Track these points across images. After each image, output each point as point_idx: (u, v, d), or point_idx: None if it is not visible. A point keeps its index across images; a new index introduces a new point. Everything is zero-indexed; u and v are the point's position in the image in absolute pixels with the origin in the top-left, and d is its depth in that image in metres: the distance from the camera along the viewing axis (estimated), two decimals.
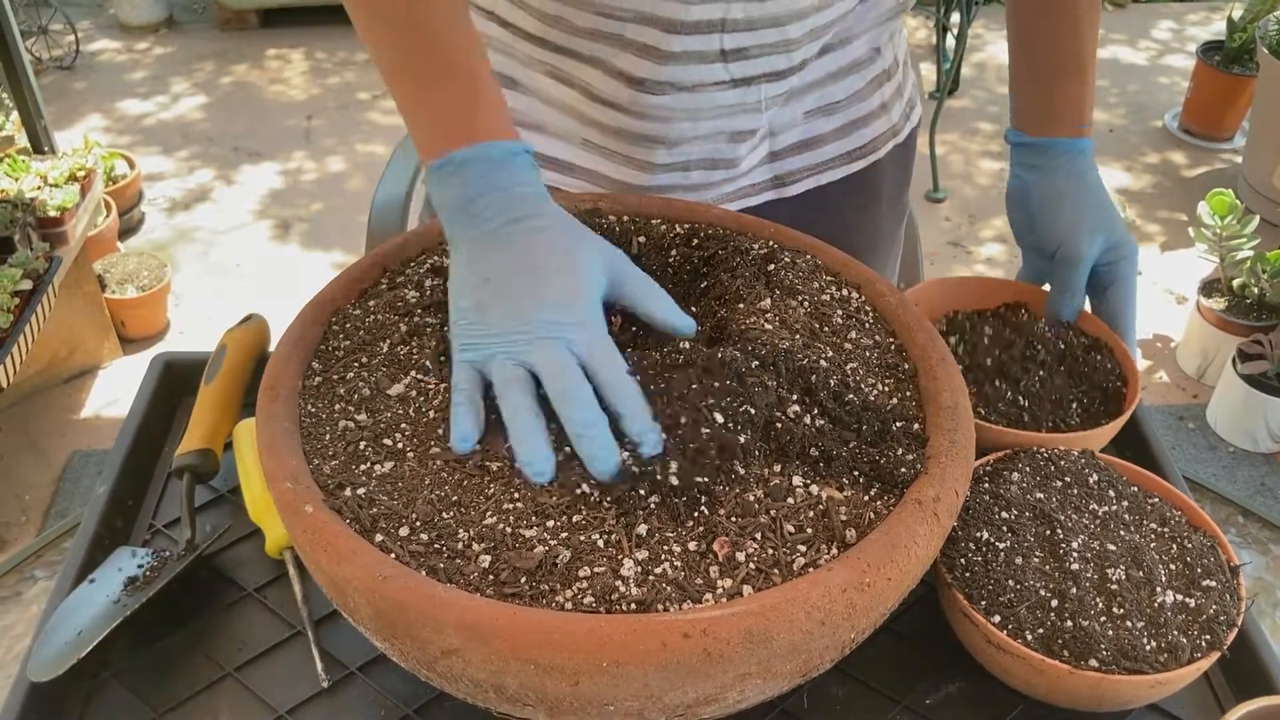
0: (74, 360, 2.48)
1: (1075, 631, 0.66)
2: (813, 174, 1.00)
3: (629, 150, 0.94)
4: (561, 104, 0.94)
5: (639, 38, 0.85)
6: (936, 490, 0.61)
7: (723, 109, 0.91)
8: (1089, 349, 0.89)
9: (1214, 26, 4.12)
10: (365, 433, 0.66)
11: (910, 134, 1.08)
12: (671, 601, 0.56)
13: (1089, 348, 0.90)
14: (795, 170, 0.99)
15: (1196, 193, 2.84)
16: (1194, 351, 2.54)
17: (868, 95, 1.00)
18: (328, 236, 2.99)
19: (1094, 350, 0.89)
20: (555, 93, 0.94)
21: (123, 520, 0.86)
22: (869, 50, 0.97)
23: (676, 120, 0.91)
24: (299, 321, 0.73)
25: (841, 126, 1.00)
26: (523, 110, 0.96)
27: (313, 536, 0.58)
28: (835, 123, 0.99)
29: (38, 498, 2.22)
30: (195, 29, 4.10)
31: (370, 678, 0.74)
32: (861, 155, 1.02)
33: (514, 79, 0.95)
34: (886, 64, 1.00)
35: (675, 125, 0.91)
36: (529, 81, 0.95)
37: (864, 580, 0.56)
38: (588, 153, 0.96)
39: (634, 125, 0.92)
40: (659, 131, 0.92)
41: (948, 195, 3.17)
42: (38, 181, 2.28)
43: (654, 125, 0.91)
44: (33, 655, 0.72)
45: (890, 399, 0.70)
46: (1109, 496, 0.75)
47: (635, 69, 0.87)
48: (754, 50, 0.87)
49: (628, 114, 0.91)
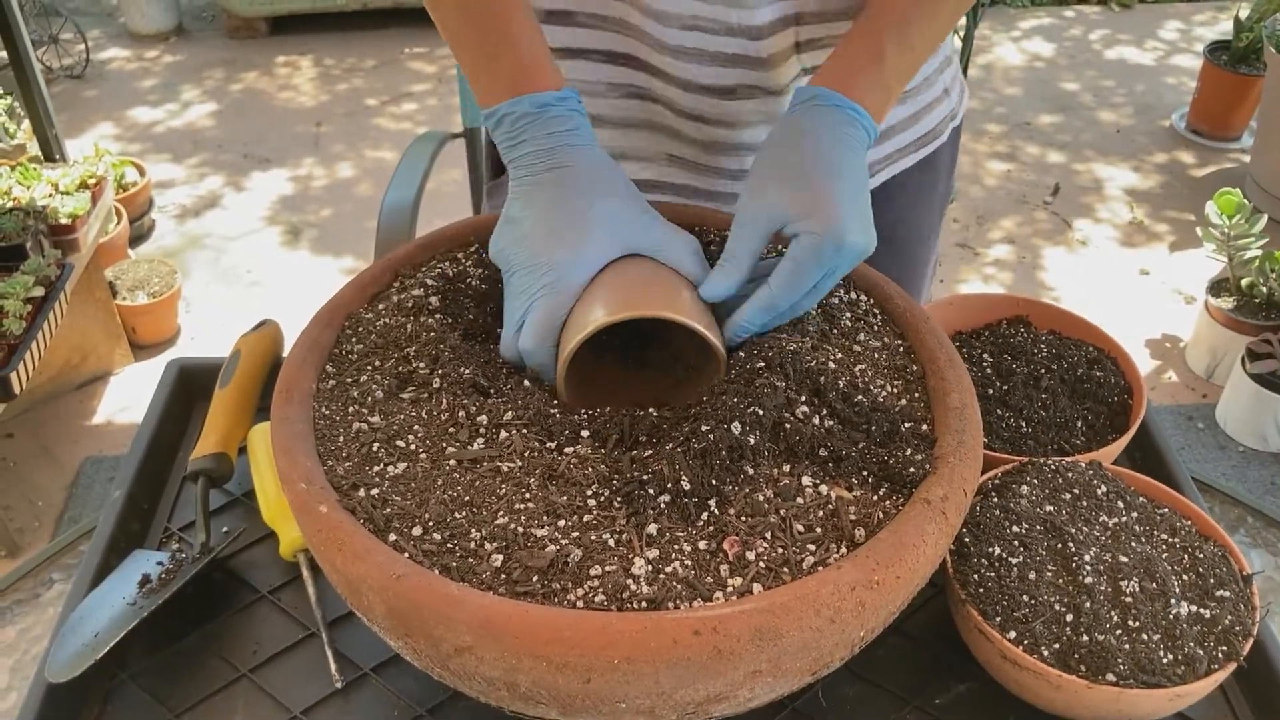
0: (86, 367, 2.49)
1: (1092, 645, 0.66)
2: (887, 165, 0.99)
3: (716, 161, 0.93)
4: (643, 122, 0.94)
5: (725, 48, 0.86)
6: (945, 490, 0.62)
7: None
8: (1092, 363, 0.89)
9: (1221, 26, 4.12)
10: (378, 434, 0.67)
11: (963, 116, 1.07)
12: (682, 600, 0.56)
13: (1092, 362, 0.89)
14: (871, 163, 0.98)
15: (1204, 192, 2.83)
16: (1203, 351, 2.54)
17: (935, 80, 0.99)
18: (337, 242, 3.00)
19: (1096, 365, 0.89)
20: (637, 112, 0.93)
21: (138, 524, 0.86)
22: None
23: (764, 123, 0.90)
24: (313, 326, 0.73)
25: (914, 114, 0.99)
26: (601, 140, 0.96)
27: (327, 536, 0.59)
28: (907, 110, 0.98)
29: (50, 504, 2.23)
30: (205, 37, 4.11)
31: (384, 678, 0.74)
32: (928, 141, 1.01)
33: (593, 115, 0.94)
34: (949, 49, 1.00)
35: (766, 128, 0.91)
36: (607, 109, 0.93)
37: (873, 578, 0.57)
38: (675, 168, 0.95)
39: (721, 135, 0.91)
40: (747, 138, 0.91)
41: (956, 197, 3.17)
42: (49, 189, 2.29)
43: (742, 132, 0.91)
44: (50, 657, 0.73)
45: (899, 400, 0.70)
46: (1118, 508, 0.75)
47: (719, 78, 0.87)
48: (828, 40, 0.87)
49: (710, 123, 0.90)
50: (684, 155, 0.94)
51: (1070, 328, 0.93)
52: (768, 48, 0.86)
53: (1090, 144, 3.46)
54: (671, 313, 0.67)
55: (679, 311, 0.68)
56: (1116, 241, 3.03)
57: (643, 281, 0.72)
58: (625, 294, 0.70)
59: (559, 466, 0.64)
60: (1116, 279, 2.89)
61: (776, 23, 0.85)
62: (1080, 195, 3.22)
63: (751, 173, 0.75)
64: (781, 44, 0.86)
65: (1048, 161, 3.37)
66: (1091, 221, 3.10)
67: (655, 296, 0.70)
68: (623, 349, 0.76)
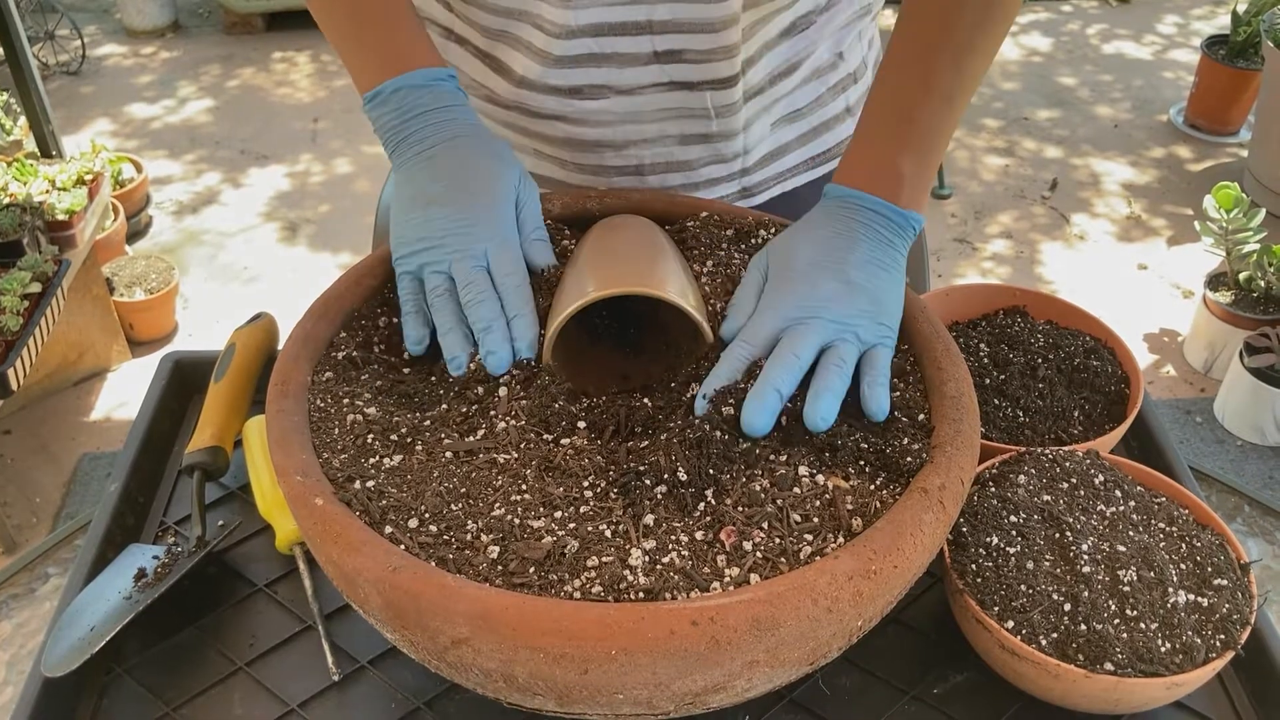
0: (83, 363, 2.49)
1: (1090, 635, 0.66)
2: (778, 182, 1.01)
3: (577, 157, 0.94)
4: (507, 122, 0.95)
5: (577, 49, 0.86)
6: (942, 479, 0.62)
7: (667, 111, 0.91)
8: (1089, 352, 0.89)
9: (1219, 20, 4.12)
10: (374, 426, 0.66)
11: None
12: (679, 590, 0.56)
13: (1089, 351, 0.89)
14: (762, 180, 1.00)
15: (1202, 187, 2.84)
16: (1201, 345, 2.54)
17: (829, 101, 0.99)
18: (335, 238, 2.99)
19: (1093, 354, 0.89)
20: (499, 114, 0.95)
21: (134, 517, 0.86)
22: (831, 56, 0.97)
23: (619, 123, 0.91)
24: (307, 318, 0.73)
25: (804, 134, 1.00)
26: None
27: (323, 529, 0.59)
28: (798, 130, 0.99)
29: (48, 500, 2.23)
30: (201, 33, 4.11)
31: (381, 671, 0.74)
32: (824, 161, 1.02)
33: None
34: (852, 67, 0.99)
35: (619, 128, 0.91)
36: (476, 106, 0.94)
37: (870, 568, 0.57)
38: (542, 161, 0.97)
39: (577, 132, 0.92)
40: (603, 136, 0.92)
41: (953, 192, 3.17)
42: (46, 185, 2.29)
43: (596, 130, 0.91)
44: (46, 651, 0.72)
45: (895, 389, 0.70)
46: (1116, 497, 0.75)
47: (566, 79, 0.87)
48: (690, 54, 0.86)
49: (568, 122, 0.91)
50: (546, 151, 0.96)
51: (1067, 317, 0.93)
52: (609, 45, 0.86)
53: (1088, 139, 3.46)
54: (659, 290, 0.67)
55: (666, 287, 0.68)
56: (1114, 236, 3.03)
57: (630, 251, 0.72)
58: (611, 268, 0.70)
59: (555, 458, 0.64)
60: (1114, 273, 2.89)
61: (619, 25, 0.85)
62: (1078, 190, 3.22)
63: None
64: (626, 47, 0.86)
65: (1045, 156, 3.37)
66: (1089, 216, 3.10)
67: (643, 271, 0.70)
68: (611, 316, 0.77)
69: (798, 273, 0.70)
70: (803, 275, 0.70)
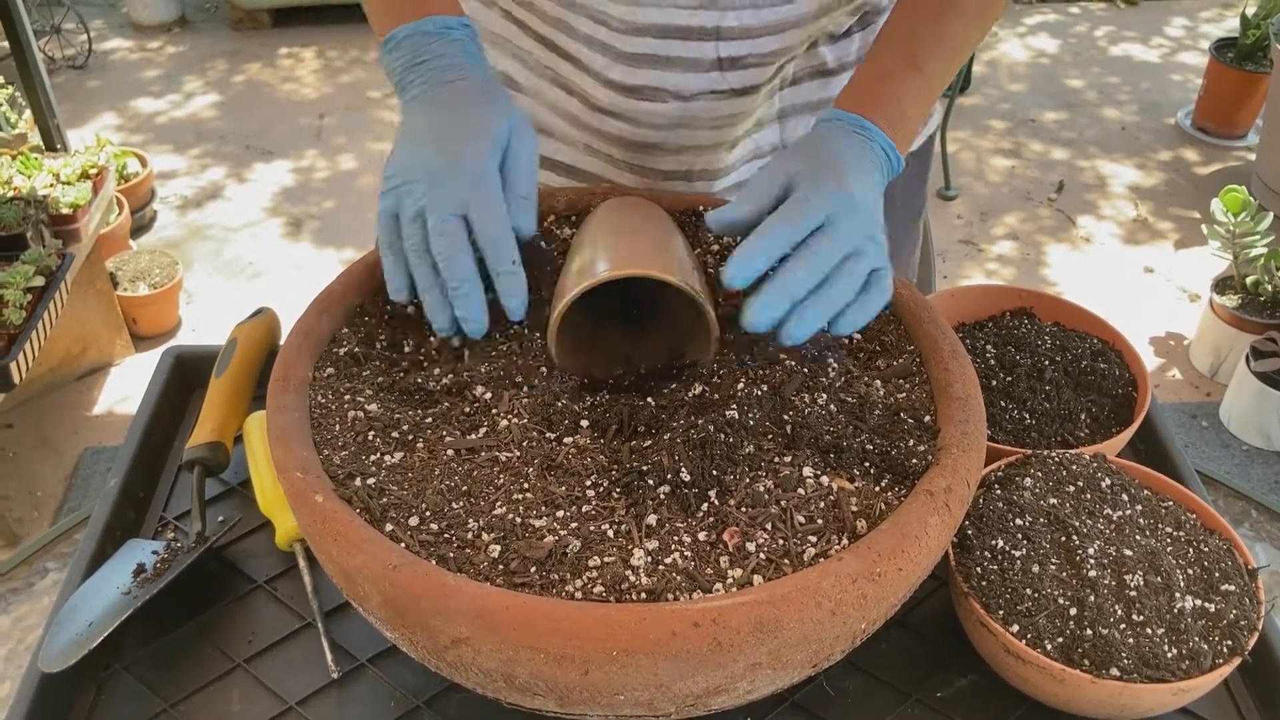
0: (86, 357, 2.48)
1: (1095, 640, 0.65)
2: None
3: (629, 156, 0.93)
4: (564, 110, 0.94)
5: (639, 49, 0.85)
6: (948, 481, 0.61)
7: (722, 119, 0.90)
8: (1096, 355, 0.88)
9: (1227, 23, 4.10)
10: (375, 423, 0.66)
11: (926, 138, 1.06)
12: (682, 591, 0.56)
13: (1096, 354, 0.88)
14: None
15: (1209, 190, 2.82)
16: (1207, 349, 2.53)
17: None
18: (339, 234, 2.99)
19: (1100, 357, 0.88)
20: (556, 98, 0.94)
21: (134, 512, 0.86)
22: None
23: (673, 128, 0.90)
24: (309, 314, 0.73)
25: None
26: (528, 112, 0.96)
27: (323, 526, 0.58)
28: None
29: (50, 494, 2.22)
30: (207, 28, 4.10)
31: (380, 669, 0.74)
32: None
33: (519, 83, 0.95)
34: None
35: (673, 133, 0.90)
36: (533, 86, 0.94)
37: (875, 570, 0.56)
38: (591, 158, 0.96)
39: (631, 132, 0.91)
40: (657, 139, 0.91)
41: (959, 193, 3.16)
42: (50, 179, 2.28)
43: (651, 133, 0.90)
44: (44, 646, 0.72)
45: (901, 390, 0.69)
46: (1122, 501, 0.74)
47: (627, 76, 0.86)
48: (751, 59, 0.86)
49: (624, 120, 0.90)
50: (596, 146, 0.94)
51: (1074, 320, 0.92)
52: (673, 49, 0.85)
53: (1095, 141, 3.45)
54: (671, 275, 0.66)
55: (678, 272, 0.67)
56: (1120, 239, 3.02)
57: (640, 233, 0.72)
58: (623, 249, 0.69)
59: (558, 456, 0.63)
60: (1120, 276, 2.88)
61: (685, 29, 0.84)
62: (1084, 192, 3.21)
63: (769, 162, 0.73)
64: (690, 52, 0.85)
65: (1052, 158, 3.36)
66: (1095, 218, 3.09)
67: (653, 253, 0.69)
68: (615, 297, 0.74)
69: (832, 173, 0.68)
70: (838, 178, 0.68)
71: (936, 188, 3.14)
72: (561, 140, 0.96)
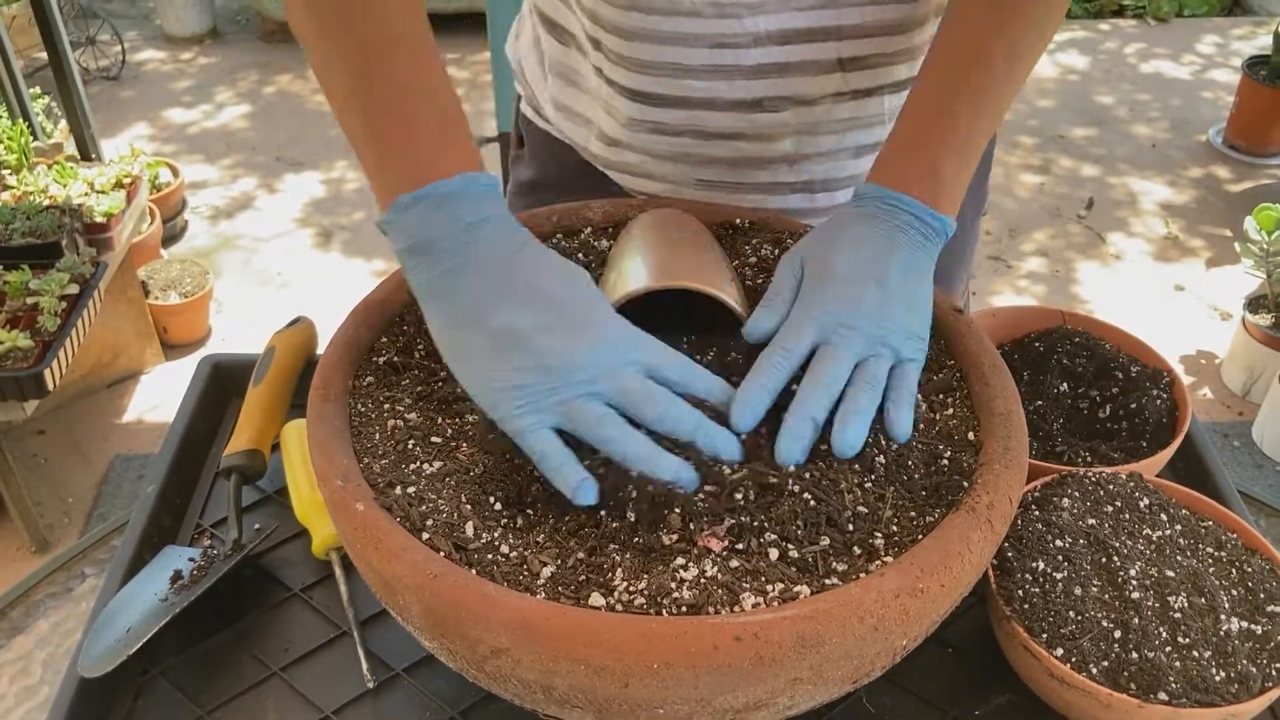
0: (117, 365, 2.51)
1: (1141, 663, 0.64)
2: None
3: (748, 176, 0.90)
4: (671, 154, 0.90)
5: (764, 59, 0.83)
6: (990, 497, 0.61)
7: (844, 123, 0.88)
8: (1134, 375, 0.86)
9: (1260, 41, 4.08)
10: (415, 432, 0.66)
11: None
12: (723, 604, 0.55)
13: (1135, 374, 0.86)
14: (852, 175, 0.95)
15: (1242, 208, 2.80)
16: (1239, 368, 2.51)
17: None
18: (369, 245, 3.01)
19: (1140, 377, 0.86)
20: (662, 146, 0.89)
21: (171, 519, 0.86)
22: None
23: (794, 135, 0.88)
24: (349, 322, 0.73)
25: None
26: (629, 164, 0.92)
27: (363, 534, 0.58)
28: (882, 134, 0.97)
29: (80, 501, 2.24)
30: (239, 40, 4.15)
31: (416, 679, 0.74)
32: None
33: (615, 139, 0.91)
34: None
35: (795, 141, 0.88)
36: (632, 140, 0.90)
37: (917, 586, 0.56)
38: (706, 191, 0.92)
39: (751, 149, 0.88)
40: (778, 150, 0.89)
41: (989, 209, 3.15)
42: (85, 188, 2.31)
43: (772, 145, 0.88)
44: (83, 651, 0.72)
45: (943, 407, 0.69)
46: (1161, 520, 0.73)
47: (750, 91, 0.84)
48: (875, 59, 0.84)
49: (744, 139, 0.88)
50: (709, 178, 0.92)
51: (1112, 339, 0.92)
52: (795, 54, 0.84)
53: (1125, 158, 3.43)
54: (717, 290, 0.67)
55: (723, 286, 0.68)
56: (1151, 256, 3.00)
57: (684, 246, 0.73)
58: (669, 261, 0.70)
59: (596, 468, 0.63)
60: (1151, 294, 2.86)
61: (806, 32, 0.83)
62: (1114, 209, 3.19)
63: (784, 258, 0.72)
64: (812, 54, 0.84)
65: (1081, 175, 3.35)
66: (1125, 235, 3.08)
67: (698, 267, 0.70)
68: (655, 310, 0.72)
69: (836, 278, 0.67)
70: (842, 281, 0.67)
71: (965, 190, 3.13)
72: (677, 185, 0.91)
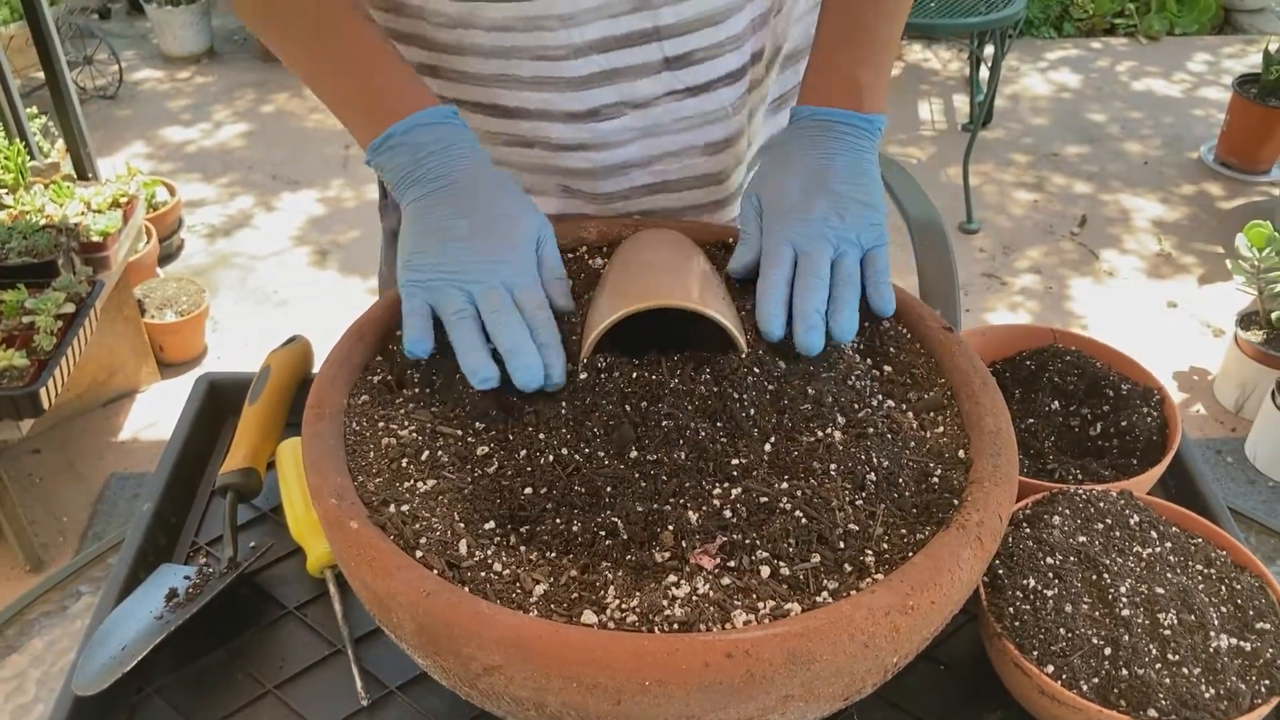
0: (113, 384, 2.51)
1: (1131, 680, 0.65)
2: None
3: (605, 185, 0.93)
4: (530, 164, 0.93)
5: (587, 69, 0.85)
6: (980, 515, 0.61)
7: (686, 121, 0.90)
8: (1125, 393, 0.86)
9: (1250, 59, 4.10)
10: (409, 450, 0.66)
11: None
12: (714, 622, 0.56)
13: (1125, 392, 0.87)
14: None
15: (1233, 225, 2.82)
16: (1232, 385, 2.51)
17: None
18: (365, 263, 3.01)
19: (1130, 394, 0.86)
20: (518, 157, 0.92)
21: (166, 537, 0.87)
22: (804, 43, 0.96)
23: (640, 139, 0.90)
24: (344, 341, 0.74)
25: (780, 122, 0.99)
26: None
27: (357, 552, 0.59)
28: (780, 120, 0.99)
29: (75, 520, 2.24)
30: (236, 59, 4.16)
31: (410, 697, 0.74)
32: None
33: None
34: None
35: (641, 144, 0.90)
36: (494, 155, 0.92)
37: (907, 603, 0.56)
38: (571, 200, 0.95)
39: (601, 158, 0.90)
40: (628, 156, 0.91)
41: (981, 227, 3.16)
42: (81, 207, 2.32)
43: (620, 151, 0.90)
44: (77, 669, 0.73)
45: (933, 424, 0.69)
46: (1151, 538, 0.74)
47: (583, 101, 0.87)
48: (699, 54, 0.86)
49: (591, 149, 0.90)
50: (572, 185, 0.94)
51: (1103, 357, 0.92)
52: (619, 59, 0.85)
53: (1117, 175, 3.45)
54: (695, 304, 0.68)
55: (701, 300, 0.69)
56: (1144, 273, 3.01)
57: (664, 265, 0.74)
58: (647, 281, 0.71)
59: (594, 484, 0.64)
60: (1144, 311, 2.87)
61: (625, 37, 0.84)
62: (1107, 226, 3.20)
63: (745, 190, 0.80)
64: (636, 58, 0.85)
65: (1074, 192, 3.36)
66: (1119, 252, 3.09)
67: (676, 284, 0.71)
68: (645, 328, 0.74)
69: (791, 202, 0.77)
70: (797, 203, 0.77)
71: (959, 222, 3.14)
72: (540, 194, 0.95)
